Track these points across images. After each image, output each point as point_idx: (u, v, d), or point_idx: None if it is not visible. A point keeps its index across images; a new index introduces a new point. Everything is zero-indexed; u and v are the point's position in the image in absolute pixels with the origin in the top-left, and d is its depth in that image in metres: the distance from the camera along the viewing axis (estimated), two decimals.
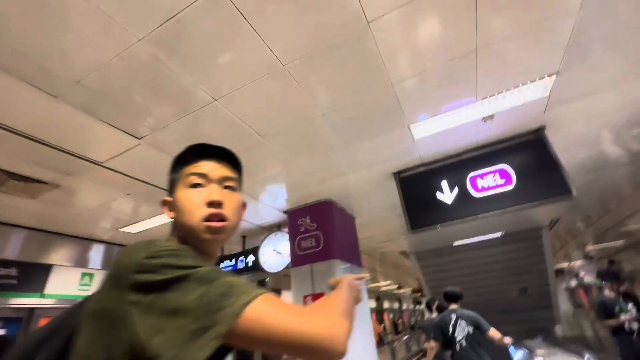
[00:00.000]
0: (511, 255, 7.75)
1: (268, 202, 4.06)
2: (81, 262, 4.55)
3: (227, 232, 0.78)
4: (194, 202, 0.76)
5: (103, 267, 4.83)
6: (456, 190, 3.20)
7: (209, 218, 0.74)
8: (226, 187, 0.82)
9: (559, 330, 8.99)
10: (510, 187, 2.97)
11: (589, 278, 19.15)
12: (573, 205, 5.99)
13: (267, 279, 8.23)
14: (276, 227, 4.97)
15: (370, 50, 1.98)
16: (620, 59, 2.34)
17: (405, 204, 3.41)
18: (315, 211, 4.13)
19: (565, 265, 18.63)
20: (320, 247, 3.86)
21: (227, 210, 0.78)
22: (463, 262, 8.18)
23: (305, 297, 3.69)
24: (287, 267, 4.37)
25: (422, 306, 27.02)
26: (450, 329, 3.50)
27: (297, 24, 1.76)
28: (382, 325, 16.19)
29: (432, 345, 3.56)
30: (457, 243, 7.71)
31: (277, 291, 8.75)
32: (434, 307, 4.69)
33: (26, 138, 2.37)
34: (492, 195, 3.01)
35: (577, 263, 18.50)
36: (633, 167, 4.46)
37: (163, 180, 3.30)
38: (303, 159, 3.12)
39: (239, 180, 0.89)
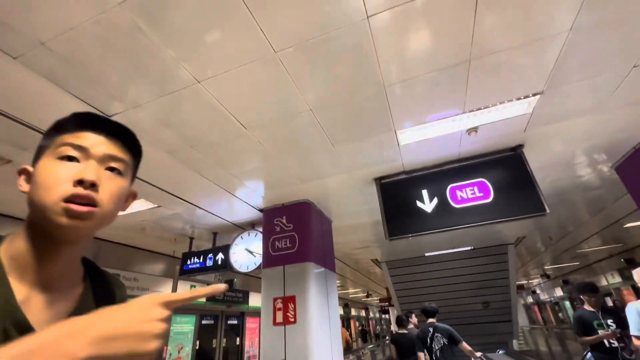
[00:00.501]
0: (478, 269, 8.00)
1: (244, 198, 3.90)
2: None
3: (94, 221, 0.57)
4: (58, 177, 0.56)
5: None
6: (436, 200, 3.22)
7: (70, 199, 0.55)
8: (110, 169, 0.62)
9: (515, 344, 9.35)
10: (487, 201, 3.02)
11: (544, 295, 20.29)
12: (538, 225, 6.28)
13: (235, 279, 7.96)
14: (250, 226, 4.80)
15: (367, 47, 1.92)
16: (595, 88, 2.44)
17: (385, 211, 3.38)
18: (293, 211, 4.02)
19: (524, 282, 19.63)
20: (295, 249, 3.74)
21: (102, 195, 0.58)
22: (432, 274, 8.34)
23: (275, 299, 3.55)
24: (258, 268, 4.21)
25: (388, 316, 27.36)
26: (429, 340, 3.63)
27: (295, 10, 1.67)
28: (349, 332, 16.17)
29: (421, 356, 3.65)
30: (428, 254, 7.86)
31: (245, 293, 8.48)
32: (405, 321, 4.78)
33: None
34: (471, 207, 3.05)
35: (535, 281, 19.56)
36: (594, 192, 4.73)
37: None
38: (285, 156, 3.01)
39: (132, 166, 0.69)
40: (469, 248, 7.63)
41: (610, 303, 11.88)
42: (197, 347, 6.58)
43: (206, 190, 3.60)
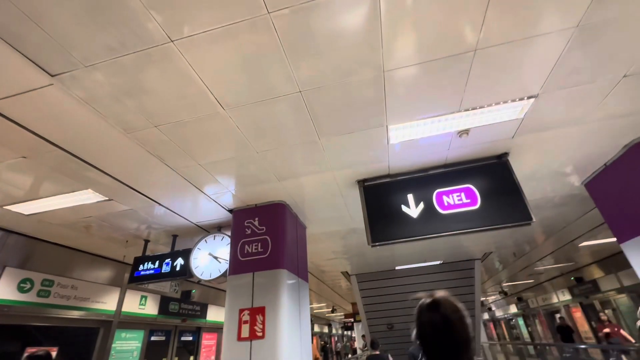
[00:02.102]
0: (446, 284, 8.01)
1: (213, 196, 3.48)
2: None
3: None
4: None
5: None
6: (422, 205, 3.05)
7: None
8: None
9: None
10: (475, 207, 2.90)
11: (499, 312, 21.16)
12: (506, 240, 6.42)
13: (194, 290, 7.26)
14: (216, 229, 4.34)
15: (371, 22, 1.71)
16: (585, 97, 2.45)
17: (368, 215, 3.15)
18: (266, 213, 3.66)
19: (482, 299, 20.38)
20: (267, 254, 3.37)
21: None
22: (401, 287, 8.22)
23: (241, 310, 3.12)
24: (223, 276, 3.75)
25: (352, 332, 26.99)
26: None
27: None
28: None
29: None
30: (399, 267, 7.75)
31: (204, 306, 7.76)
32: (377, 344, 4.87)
33: None
34: (458, 213, 2.92)
35: (491, 298, 20.39)
36: (560, 209, 4.89)
37: (79, 145, 2.58)
38: (264, 146, 2.70)
39: None
40: (438, 262, 7.64)
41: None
42: None
43: (169, 183, 3.15)
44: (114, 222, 4.00)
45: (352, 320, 15.64)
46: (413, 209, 3.06)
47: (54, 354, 4.34)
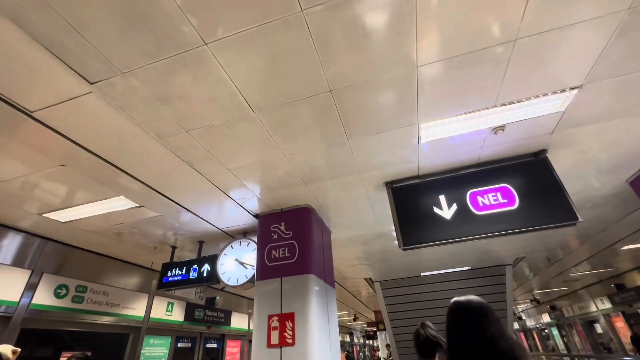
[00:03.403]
0: (475, 291, 7.67)
1: (239, 201, 3.49)
2: None
3: None
4: None
5: (14, 264, 3.80)
6: (455, 206, 2.93)
7: None
8: None
9: None
10: (513, 208, 2.75)
11: (530, 322, 20.07)
12: (541, 244, 6.10)
13: (218, 297, 7.31)
14: (241, 234, 4.34)
15: (406, 14, 1.66)
16: (633, 87, 2.28)
17: (398, 218, 3.05)
18: (292, 217, 3.62)
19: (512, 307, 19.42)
20: (294, 259, 3.32)
21: None
22: (427, 295, 7.95)
23: (270, 316, 3.07)
24: (249, 281, 3.73)
25: (374, 341, 26.40)
26: None
27: None
28: None
29: None
30: (425, 274, 7.51)
31: (227, 313, 7.78)
32: None
33: None
34: (495, 214, 2.77)
35: (520, 306, 19.40)
36: (599, 210, 4.58)
37: (113, 152, 2.64)
38: (293, 149, 2.67)
39: None
40: (467, 268, 7.35)
41: (599, 330, 11.78)
42: None
43: (197, 189, 3.18)
44: (143, 229, 4.09)
45: (374, 328, 15.27)
46: (446, 210, 2.94)
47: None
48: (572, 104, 2.40)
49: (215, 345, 7.39)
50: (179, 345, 6.28)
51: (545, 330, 18.01)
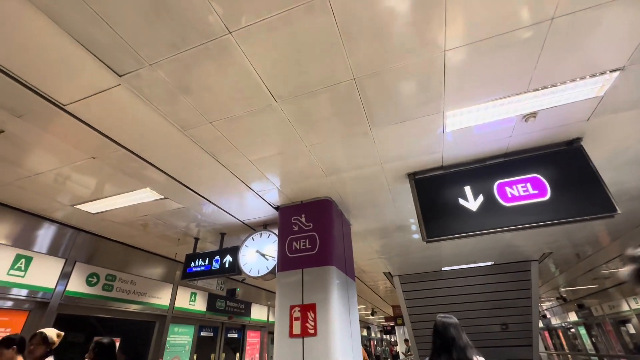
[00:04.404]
0: (498, 287, 7.48)
1: (260, 193, 3.51)
2: (19, 241, 3.73)
3: None
4: None
5: (49, 252, 4.00)
6: (481, 197, 2.83)
7: None
8: None
9: None
10: (544, 199, 2.63)
11: (556, 320, 19.38)
12: (569, 239, 5.84)
13: (238, 289, 7.47)
14: (262, 226, 4.39)
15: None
16: None
17: (422, 210, 2.98)
18: (313, 209, 3.62)
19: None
20: (315, 251, 3.32)
21: None
22: (448, 290, 7.80)
23: (292, 307, 3.10)
24: (271, 273, 3.78)
25: (391, 336, 26.31)
26: None
27: None
28: None
29: None
30: (445, 268, 7.37)
31: (247, 304, 7.94)
32: None
33: None
34: (524, 205, 2.66)
35: (545, 304, 18.74)
36: (635, 203, 4.32)
37: (140, 144, 2.72)
38: (314, 139, 2.65)
39: None
40: (489, 263, 7.14)
41: (632, 330, 11.23)
42: None
43: (219, 180, 3.23)
44: (167, 220, 4.21)
45: (392, 323, 15.19)
46: (472, 202, 2.85)
47: (117, 344, 4.64)
48: (611, 88, 2.25)
49: (236, 335, 7.57)
50: (202, 334, 6.47)
51: (572, 330, 17.34)
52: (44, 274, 3.89)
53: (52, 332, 2.81)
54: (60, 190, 3.36)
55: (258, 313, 8.30)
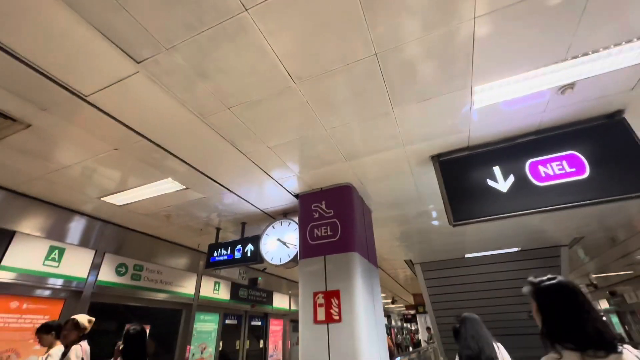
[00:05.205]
0: (525, 273, 7.21)
1: (280, 180, 3.48)
2: (53, 233, 3.89)
3: None
4: None
5: (81, 244, 4.16)
6: (512, 178, 2.68)
7: None
8: None
9: None
10: (583, 177, 2.45)
11: None
12: (603, 222, 5.53)
13: (260, 278, 7.58)
14: (282, 215, 4.38)
15: None
16: None
17: (447, 193, 2.86)
18: (333, 196, 3.56)
19: None
20: (337, 237, 3.28)
21: None
22: (471, 277, 7.63)
23: (315, 293, 3.09)
24: (292, 261, 3.77)
25: (412, 325, 26.30)
26: None
27: None
28: None
29: None
30: (469, 255, 7.19)
31: (269, 293, 8.07)
32: None
33: None
34: (560, 184, 2.49)
35: None
36: None
37: (161, 134, 2.73)
38: (334, 121, 2.57)
39: None
40: (515, 249, 6.90)
41: None
42: (220, 349, 6.20)
43: (239, 169, 3.22)
44: (189, 211, 4.27)
45: (413, 311, 15.12)
46: (501, 182, 2.70)
47: (147, 330, 4.81)
48: None
49: (259, 323, 7.73)
50: (227, 322, 6.64)
51: (603, 317, 16.69)
52: (77, 264, 4.06)
53: (83, 318, 2.92)
54: (87, 183, 3.45)
55: (280, 301, 8.43)
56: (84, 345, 2.83)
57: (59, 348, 2.96)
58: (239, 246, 4.45)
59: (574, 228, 5.83)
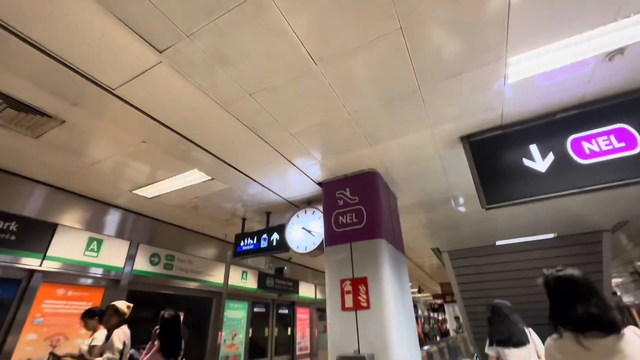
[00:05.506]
0: (561, 261, 6.84)
1: (302, 168, 3.46)
2: (91, 225, 4.11)
3: None
4: None
5: (117, 235, 4.38)
6: (551, 156, 2.49)
7: None
8: None
9: None
10: (634, 152, 2.23)
11: (628, 297, 17.59)
12: None
13: (286, 267, 7.70)
14: (306, 204, 4.38)
15: None
16: None
17: (479, 174, 2.72)
18: (357, 183, 3.50)
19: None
20: (362, 224, 3.22)
21: None
22: (504, 265, 7.33)
23: (342, 280, 3.06)
24: (317, 249, 3.77)
25: (439, 314, 25.99)
26: None
27: None
28: None
29: None
30: (500, 242, 6.90)
31: (295, 282, 8.19)
32: None
33: (15, 35, 1.86)
34: (608, 161, 2.29)
35: (615, 280, 17.00)
36: None
37: (186, 125, 2.76)
38: (357, 104, 2.49)
39: None
40: (551, 235, 6.54)
41: None
42: (250, 335, 6.38)
43: (262, 158, 3.22)
44: (215, 202, 4.36)
45: (440, 301, 14.87)
46: (539, 162, 2.52)
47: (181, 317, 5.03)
48: None
49: (286, 311, 7.88)
50: (255, 310, 6.81)
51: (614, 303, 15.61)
52: (114, 254, 4.27)
53: (122, 304, 3.08)
54: (118, 176, 3.59)
55: (306, 290, 8.54)
56: (125, 329, 2.98)
57: (102, 332, 3.15)
58: (264, 235, 4.50)
59: (617, 211, 5.41)
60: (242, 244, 4.71)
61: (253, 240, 4.61)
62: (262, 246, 4.48)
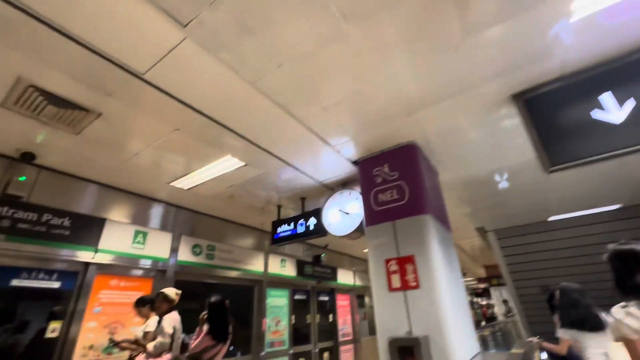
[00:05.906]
0: (628, 235, 6.14)
1: (336, 146, 3.30)
2: (136, 218, 4.28)
3: None
4: None
5: (161, 228, 4.54)
6: (630, 104, 2.12)
7: None
8: None
9: None
10: None
11: None
12: None
13: (323, 255, 7.65)
14: (340, 186, 4.23)
15: None
16: None
17: (538, 134, 2.40)
18: (395, 157, 3.28)
19: None
20: (405, 200, 3.02)
21: None
22: (557, 243, 6.74)
23: (387, 260, 2.90)
24: (356, 231, 3.62)
25: (482, 299, 25.01)
26: None
27: None
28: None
29: None
30: (553, 218, 6.34)
31: (334, 269, 8.14)
32: None
33: (46, 25, 1.86)
34: None
35: None
36: None
37: (215, 107, 2.65)
38: (392, 69, 2.27)
39: None
40: (615, 207, 5.87)
41: None
42: (293, 322, 6.44)
43: (294, 137, 3.10)
44: (250, 190, 4.35)
45: (485, 285, 14.18)
46: (614, 112, 2.16)
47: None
48: None
49: (327, 298, 7.87)
50: (296, 297, 6.86)
51: None
52: (159, 246, 4.43)
53: (171, 291, 3.15)
54: (155, 169, 3.67)
55: (344, 277, 8.48)
56: (175, 315, 3.06)
57: (154, 318, 3.26)
58: (301, 220, 4.43)
59: None
60: (279, 230, 4.68)
61: (290, 225, 4.56)
62: (299, 231, 4.42)
